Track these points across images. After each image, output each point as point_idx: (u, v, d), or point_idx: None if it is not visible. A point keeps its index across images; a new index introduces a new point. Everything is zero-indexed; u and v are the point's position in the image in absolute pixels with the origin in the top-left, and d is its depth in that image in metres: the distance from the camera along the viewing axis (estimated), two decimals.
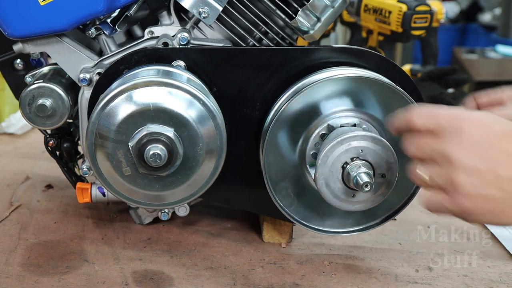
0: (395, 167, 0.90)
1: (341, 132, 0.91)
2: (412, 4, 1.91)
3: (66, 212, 1.17)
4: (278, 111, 0.94)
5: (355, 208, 0.93)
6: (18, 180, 1.33)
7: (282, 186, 0.98)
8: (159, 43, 1.00)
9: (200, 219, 1.16)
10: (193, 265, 1.00)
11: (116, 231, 1.10)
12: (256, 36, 1.03)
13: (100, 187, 1.05)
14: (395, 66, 0.99)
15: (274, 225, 1.07)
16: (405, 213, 1.02)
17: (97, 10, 0.94)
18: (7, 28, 0.94)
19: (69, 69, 1.00)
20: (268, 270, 0.99)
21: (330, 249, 1.06)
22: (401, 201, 0.99)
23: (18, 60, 1.12)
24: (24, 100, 0.98)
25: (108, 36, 1.00)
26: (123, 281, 0.94)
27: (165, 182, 0.92)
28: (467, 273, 1.00)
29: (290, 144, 0.96)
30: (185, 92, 0.89)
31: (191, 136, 0.90)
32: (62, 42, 0.98)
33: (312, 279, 0.97)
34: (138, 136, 0.88)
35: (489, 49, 4.11)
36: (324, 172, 0.89)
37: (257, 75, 0.98)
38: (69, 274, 0.96)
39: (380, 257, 1.04)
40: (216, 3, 0.98)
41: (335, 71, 0.95)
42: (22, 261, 0.99)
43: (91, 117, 0.89)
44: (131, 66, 0.97)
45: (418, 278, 0.98)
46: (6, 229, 1.10)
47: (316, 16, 1.00)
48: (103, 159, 0.90)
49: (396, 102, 0.94)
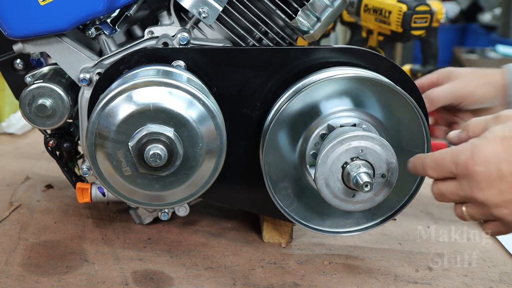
0: (395, 167, 0.90)
1: (341, 132, 0.91)
2: (412, 4, 1.91)
3: (66, 212, 1.17)
4: (278, 111, 0.94)
5: (355, 208, 0.93)
6: (18, 180, 1.33)
7: (282, 186, 0.98)
8: (159, 43, 1.00)
9: (200, 219, 1.16)
10: (193, 265, 1.00)
11: (116, 231, 1.10)
12: (256, 36, 1.03)
13: (100, 187, 1.05)
14: (395, 66, 0.99)
15: (274, 225, 1.07)
16: (405, 213, 1.02)
17: (97, 10, 0.94)
18: (7, 28, 0.94)
19: (69, 69, 1.00)
20: (268, 270, 0.99)
21: (330, 249, 1.06)
22: (401, 201, 0.99)
23: (18, 60, 1.12)
24: (24, 100, 0.98)
25: (108, 36, 1.00)
26: (123, 281, 0.94)
27: (165, 182, 0.92)
28: (467, 273, 1.00)
29: (290, 144, 0.96)
30: (185, 92, 0.89)
31: (191, 136, 0.90)
32: (62, 42, 0.98)
33: (312, 279, 0.97)
34: (138, 136, 0.88)
35: (489, 49, 4.11)
36: (324, 172, 0.89)
37: (257, 75, 0.98)
38: (69, 274, 0.96)
39: (380, 257, 1.04)
40: (216, 3, 0.98)
41: (335, 71, 0.95)
42: (22, 261, 0.99)
43: (91, 117, 0.89)
44: (131, 66, 0.97)
45: (418, 278, 0.98)
46: (6, 229, 1.10)
47: (316, 16, 1.00)
48: (103, 159, 0.90)
49: (396, 102, 0.94)
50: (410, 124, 0.95)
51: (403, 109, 0.94)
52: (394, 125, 0.96)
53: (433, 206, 1.26)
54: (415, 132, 0.95)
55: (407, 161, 0.87)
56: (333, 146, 0.88)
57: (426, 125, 0.94)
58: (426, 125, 0.94)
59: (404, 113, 0.94)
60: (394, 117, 0.95)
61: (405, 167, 0.88)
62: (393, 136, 0.95)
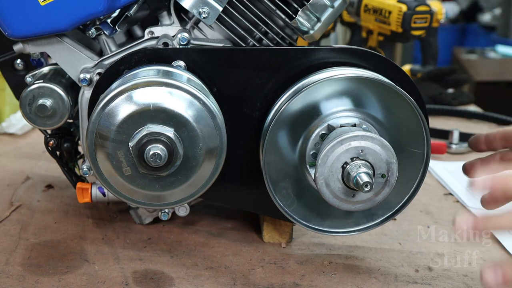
0: (395, 167, 0.90)
1: (341, 132, 0.91)
2: (412, 4, 1.91)
3: (67, 212, 1.17)
4: (278, 111, 0.94)
5: (355, 208, 0.93)
6: (19, 180, 1.33)
7: (282, 186, 0.98)
8: (159, 43, 1.00)
9: (200, 219, 1.16)
10: (193, 265, 1.00)
11: (116, 231, 1.10)
12: (256, 36, 1.03)
13: (100, 187, 1.05)
14: (395, 66, 0.99)
15: (274, 225, 1.07)
16: (405, 213, 1.02)
17: (98, 10, 0.94)
18: (8, 28, 0.94)
19: (69, 69, 1.00)
20: (268, 270, 0.99)
21: (330, 249, 1.06)
22: (401, 201, 0.99)
23: (19, 60, 1.12)
24: (24, 100, 0.98)
25: (108, 36, 1.00)
26: (123, 281, 0.94)
27: (165, 182, 0.92)
28: (467, 273, 1.00)
29: (290, 144, 0.96)
30: (185, 92, 0.89)
31: (191, 136, 0.90)
32: (63, 42, 0.98)
33: (312, 279, 0.97)
34: (138, 136, 0.88)
35: (489, 49, 4.12)
36: (324, 172, 0.89)
37: (257, 75, 0.98)
38: (69, 274, 0.96)
39: (380, 257, 1.04)
40: (216, 3, 0.98)
41: (335, 71, 0.95)
42: (22, 261, 0.99)
43: (91, 117, 0.89)
44: (131, 66, 0.97)
45: (418, 278, 0.98)
46: (6, 229, 1.10)
47: (316, 16, 1.00)
48: (103, 159, 0.90)
49: (396, 102, 0.94)
50: (410, 124, 0.95)
51: (403, 109, 0.94)
52: (394, 125, 0.96)
53: (433, 206, 1.27)
54: (415, 132, 0.95)
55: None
56: (333, 146, 0.89)
57: (426, 125, 0.94)
58: (426, 125, 0.94)
59: (404, 113, 0.94)
60: (394, 117, 0.95)
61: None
62: (393, 136, 0.95)
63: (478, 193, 0.80)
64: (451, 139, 1.61)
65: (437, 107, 1.99)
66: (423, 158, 0.96)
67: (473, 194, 0.85)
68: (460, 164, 1.00)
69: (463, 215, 0.76)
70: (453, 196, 1.33)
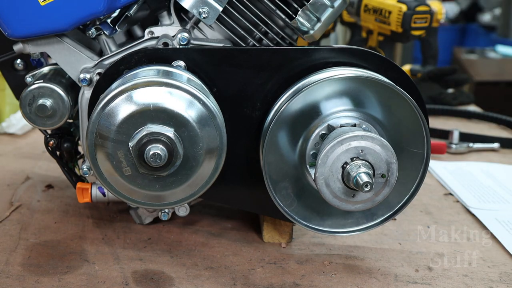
0: (395, 167, 0.90)
1: (341, 132, 0.91)
2: (412, 4, 1.91)
3: (67, 212, 1.18)
4: (278, 111, 0.94)
5: (355, 208, 0.93)
6: (19, 180, 1.33)
7: (282, 186, 0.98)
8: (159, 43, 1.00)
9: (200, 219, 1.16)
10: (193, 265, 1.00)
11: (116, 231, 1.10)
12: (256, 36, 1.03)
13: (100, 187, 1.05)
14: (395, 66, 0.99)
15: (274, 225, 1.07)
16: (405, 213, 1.02)
17: (98, 10, 0.94)
18: (8, 28, 0.94)
19: (69, 69, 1.00)
20: (268, 270, 0.99)
21: (330, 249, 1.06)
22: (401, 201, 0.99)
23: (19, 60, 1.12)
24: (24, 100, 0.98)
25: (108, 36, 1.00)
26: (123, 281, 0.94)
27: (165, 182, 0.92)
28: (467, 273, 1.00)
29: (290, 144, 0.96)
30: (185, 92, 0.89)
31: (191, 136, 0.90)
32: (63, 42, 0.99)
33: (312, 279, 0.97)
34: (138, 136, 0.88)
35: (489, 49, 4.12)
36: (324, 172, 0.89)
37: (257, 75, 0.98)
38: (69, 274, 0.96)
39: (380, 257, 1.04)
40: (216, 3, 0.98)
41: (335, 71, 0.95)
42: (23, 261, 0.99)
43: (91, 117, 0.89)
44: (131, 66, 0.97)
45: (418, 278, 0.98)
46: (6, 229, 1.10)
47: (316, 16, 1.00)
48: (103, 159, 0.90)
49: (396, 102, 0.94)
50: (410, 124, 0.95)
51: (403, 109, 0.94)
52: (394, 125, 0.96)
53: (433, 206, 1.27)
54: (415, 132, 0.95)
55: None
56: (333, 146, 0.89)
57: (426, 125, 0.94)
58: (426, 125, 0.94)
59: (404, 113, 0.94)
60: (394, 117, 0.95)
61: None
62: (393, 136, 0.95)
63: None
64: (451, 139, 1.61)
65: (437, 107, 1.99)
66: (423, 158, 0.96)
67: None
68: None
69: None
70: (453, 196, 1.33)
